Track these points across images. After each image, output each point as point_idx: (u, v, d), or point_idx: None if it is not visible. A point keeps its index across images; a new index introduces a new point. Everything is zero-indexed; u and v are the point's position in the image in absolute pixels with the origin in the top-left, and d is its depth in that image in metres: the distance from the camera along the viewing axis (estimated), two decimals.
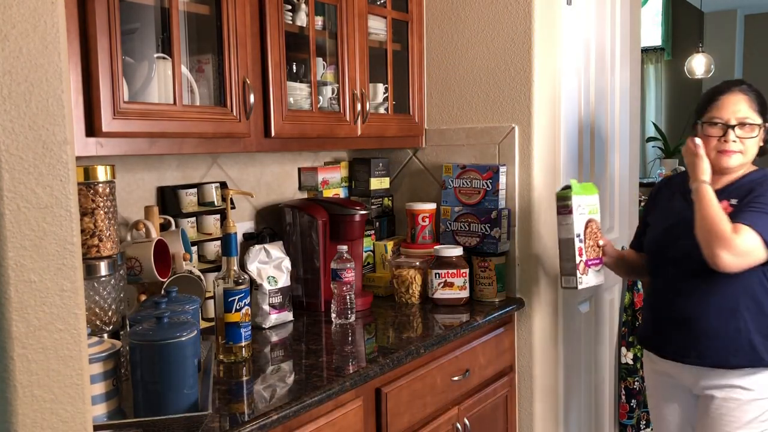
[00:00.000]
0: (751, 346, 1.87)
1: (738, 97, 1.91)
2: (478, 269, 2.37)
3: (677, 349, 1.98)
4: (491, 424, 2.27)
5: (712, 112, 1.93)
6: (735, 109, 1.90)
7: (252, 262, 2.09)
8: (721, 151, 1.90)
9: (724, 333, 1.88)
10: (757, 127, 1.90)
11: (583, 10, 2.62)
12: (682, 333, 1.96)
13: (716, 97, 1.94)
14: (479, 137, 2.49)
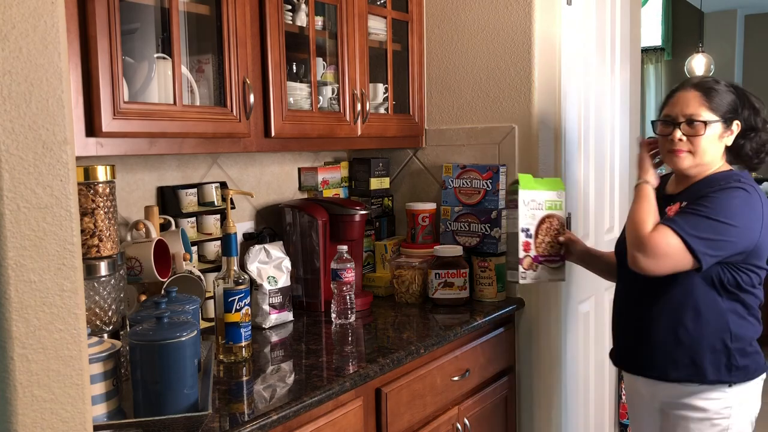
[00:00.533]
0: (692, 361, 1.75)
1: (690, 94, 1.77)
2: (478, 269, 2.37)
3: (628, 358, 1.91)
4: (491, 424, 2.27)
5: (665, 110, 1.84)
6: (684, 105, 1.77)
7: (252, 262, 2.09)
8: (671, 150, 1.79)
9: (665, 344, 1.78)
10: (703, 125, 1.73)
11: (583, 10, 2.62)
12: (632, 341, 1.88)
13: (672, 94, 1.85)
14: (479, 137, 2.49)
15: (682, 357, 1.76)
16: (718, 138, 1.77)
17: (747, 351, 1.75)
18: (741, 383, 1.75)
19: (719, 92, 1.77)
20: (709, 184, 1.77)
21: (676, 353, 1.77)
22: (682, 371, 1.76)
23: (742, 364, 1.74)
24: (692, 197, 1.76)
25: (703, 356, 1.74)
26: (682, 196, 1.81)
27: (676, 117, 1.77)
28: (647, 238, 1.69)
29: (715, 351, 1.74)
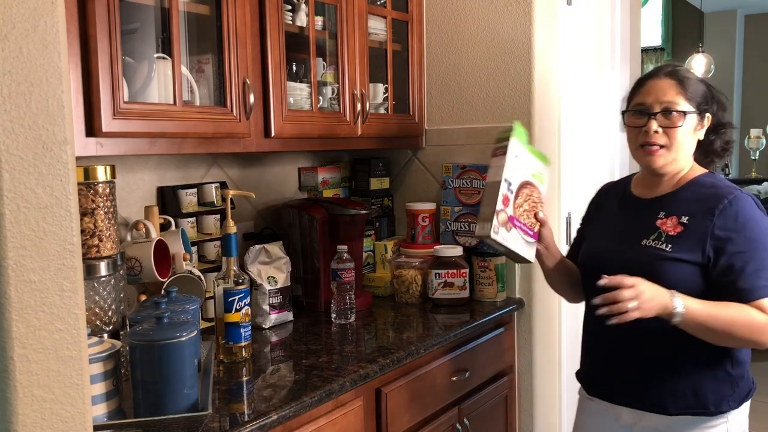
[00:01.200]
0: (693, 392, 1.56)
1: (665, 81, 1.60)
2: (478, 269, 2.37)
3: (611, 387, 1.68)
4: (491, 424, 2.27)
5: (636, 99, 1.64)
6: (660, 94, 1.58)
7: (252, 262, 2.09)
8: (644, 145, 1.59)
9: (662, 373, 1.58)
10: (683, 116, 1.56)
11: (583, 10, 2.62)
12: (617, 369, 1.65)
13: (643, 82, 1.65)
14: (479, 137, 2.49)
15: (682, 388, 1.57)
16: (693, 131, 1.60)
17: (744, 375, 1.62)
18: (738, 407, 1.61)
19: (693, 82, 1.61)
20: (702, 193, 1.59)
21: (675, 384, 1.57)
22: (682, 403, 1.57)
23: (740, 389, 1.60)
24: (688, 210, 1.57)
25: (705, 386, 1.56)
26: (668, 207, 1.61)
27: (651, 106, 1.58)
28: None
29: (717, 379, 1.56)
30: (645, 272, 1.52)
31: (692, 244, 1.54)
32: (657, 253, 1.56)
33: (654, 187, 1.67)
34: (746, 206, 1.54)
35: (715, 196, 1.56)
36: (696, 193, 1.60)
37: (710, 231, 1.52)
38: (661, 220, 1.60)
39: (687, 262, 1.53)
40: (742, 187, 1.65)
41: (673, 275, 1.53)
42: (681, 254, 1.54)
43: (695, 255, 1.53)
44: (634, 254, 1.59)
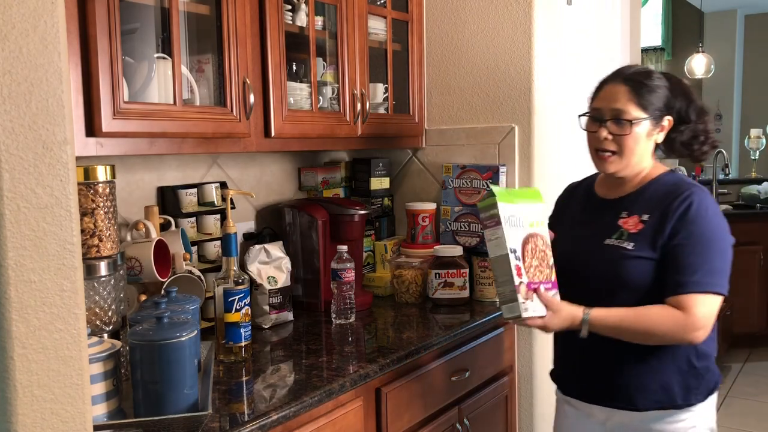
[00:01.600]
0: (661, 386, 1.60)
1: (618, 87, 1.60)
2: (478, 269, 2.37)
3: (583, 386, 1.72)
4: (491, 424, 2.27)
5: (593, 104, 1.66)
6: (611, 100, 1.60)
7: (252, 262, 2.09)
8: (597, 151, 1.64)
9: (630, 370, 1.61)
10: (629, 125, 1.58)
11: (583, 10, 2.62)
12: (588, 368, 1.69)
13: (601, 86, 1.67)
14: (479, 137, 2.49)
15: (650, 383, 1.60)
16: (645, 136, 1.62)
17: (710, 368, 1.64)
18: (704, 400, 1.63)
19: (650, 87, 1.61)
20: (663, 191, 1.62)
21: (643, 380, 1.60)
22: (650, 398, 1.61)
23: (706, 381, 1.63)
24: (649, 208, 1.61)
25: (671, 380, 1.60)
26: (630, 206, 1.64)
27: (603, 113, 1.61)
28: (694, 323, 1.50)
29: (683, 372, 1.60)
30: (610, 271, 1.59)
31: (650, 241, 1.58)
32: (620, 252, 1.59)
33: (617, 187, 1.70)
34: (701, 204, 1.57)
35: (673, 194, 1.59)
36: (657, 191, 1.63)
37: (665, 227, 1.57)
38: (623, 219, 1.64)
39: (646, 258, 1.58)
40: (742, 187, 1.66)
41: (636, 273, 1.58)
42: (641, 252, 1.58)
43: (652, 252, 1.57)
44: (599, 254, 1.63)
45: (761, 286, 4.81)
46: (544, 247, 1.63)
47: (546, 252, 1.63)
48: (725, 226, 1.59)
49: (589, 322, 1.56)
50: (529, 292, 1.57)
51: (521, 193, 1.66)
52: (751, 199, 5.09)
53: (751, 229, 4.80)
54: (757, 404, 3.98)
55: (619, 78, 1.63)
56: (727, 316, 4.51)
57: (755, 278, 4.80)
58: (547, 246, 1.63)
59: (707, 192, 1.62)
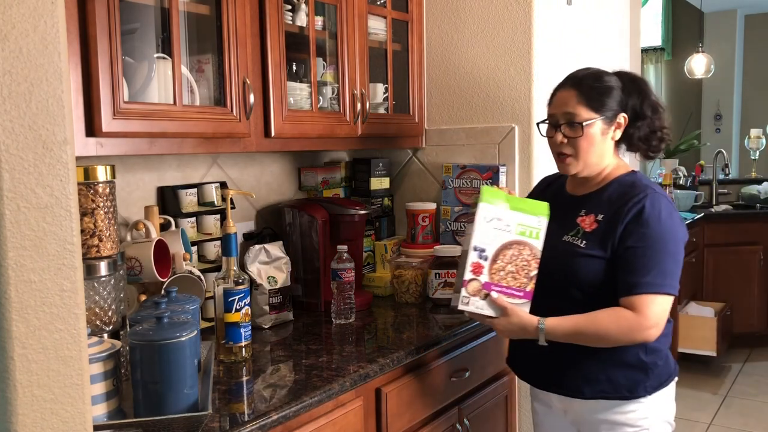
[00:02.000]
0: (607, 377, 1.65)
1: (568, 92, 1.66)
2: None
3: (537, 373, 1.79)
4: (491, 424, 2.27)
5: (548, 110, 1.73)
6: (562, 105, 1.66)
7: (252, 262, 2.09)
8: (556, 155, 1.71)
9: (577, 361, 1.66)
10: (581, 127, 1.63)
11: (583, 10, 2.62)
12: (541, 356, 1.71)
13: (554, 93, 1.73)
14: (479, 137, 2.49)
15: (596, 373, 1.65)
16: (600, 135, 1.66)
17: (659, 363, 1.68)
18: (656, 392, 1.67)
19: (600, 88, 1.66)
20: (619, 192, 1.66)
21: (589, 370, 1.66)
22: (597, 388, 1.66)
23: (656, 375, 1.67)
24: (605, 208, 1.65)
25: (617, 372, 1.64)
26: (589, 204, 1.69)
27: (557, 118, 1.68)
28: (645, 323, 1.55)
29: (630, 366, 1.64)
30: (563, 267, 1.65)
31: (602, 240, 1.63)
32: (573, 249, 1.65)
33: (582, 185, 1.75)
34: (656, 206, 1.61)
35: (629, 195, 1.64)
36: (615, 192, 1.68)
37: (618, 227, 1.61)
38: (581, 217, 1.69)
39: (596, 257, 1.62)
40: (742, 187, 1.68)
41: (585, 271, 1.63)
42: (592, 250, 1.63)
43: (603, 251, 1.62)
44: (557, 249, 1.68)
45: (761, 286, 4.81)
46: (530, 258, 1.65)
47: (530, 263, 1.65)
48: (678, 228, 1.63)
49: (545, 331, 1.61)
50: (482, 290, 1.64)
51: (525, 204, 1.67)
52: (751, 199, 5.09)
53: (751, 229, 4.80)
54: (757, 404, 3.98)
55: (569, 83, 1.69)
56: (727, 316, 4.51)
57: (755, 278, 4.80)
58: (533, 258, 1.65)
59: (663, 194, 1.66)
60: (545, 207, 1.67)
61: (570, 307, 1.62)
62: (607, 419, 1.68)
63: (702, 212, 4.86)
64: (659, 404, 1.70)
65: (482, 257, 1.64)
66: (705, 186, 5.53)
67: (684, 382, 4.34)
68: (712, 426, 3.70)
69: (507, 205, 1.65)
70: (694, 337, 4.32)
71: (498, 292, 1.64)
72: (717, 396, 4.12)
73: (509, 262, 1.64)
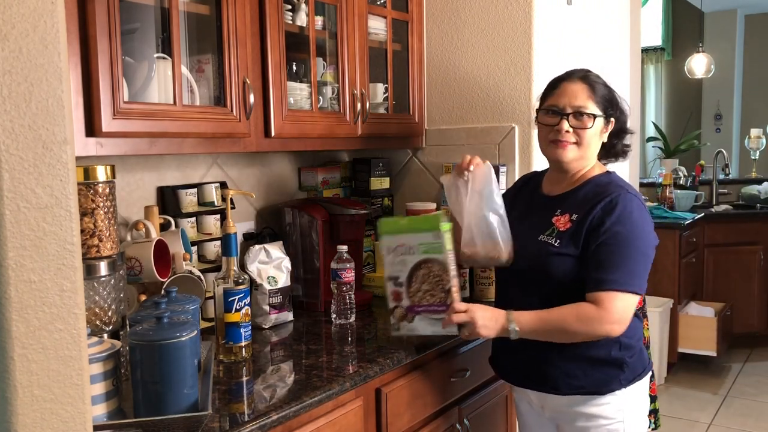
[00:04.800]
0: (584, 373, 1.69)
1: (578, 85, 1.71)
2: (478, 269, 2.36)
3: (515, 371, 1.83)
4: (491, 424, 2.27)
5: (550, 100, 1.75)
6: (572, 97, 1.70)
7: (252, 262, 2.09)
8: (554, 141, 1.71)
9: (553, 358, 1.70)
10: (593, 119, 1.69)
11: (583, 10, 2.62)
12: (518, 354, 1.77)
13: (557, 84, 1.75)
14: (479, 137, 2.49)
15: (572, 370, 1.70)
16: (599, 133, 1.73)
17: (632, 358, 1.71)
18: (630, 385, 1.71)
19: (601, 87, 1.73)
20: (593, 191, 1.70)
21: (566, 367, 1.70)
22: (574, 383, 1.70)
23: (630, 369, 1.71)
24: (579, 208, 1.69)
25: (592, 368, 1.69)
26: (565, 204, 1.73)
27: (564, 108, 1.70)
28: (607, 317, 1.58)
29: (604, 362, 1.68)
30: (538, 266, 1.69)
31: (574, 239, 1.66)
32: (547, 249, 1.69)
33: (558, 184, 1.79)
34: (627, 205, 1.65)
35: (602, 194, 1.68)
36: (590, 191, 1.71)
37: (588, 225, 1.65)
38: (556, 217, 1.72)
39: (569, 255, 1.66)
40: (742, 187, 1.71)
41: (559, 269, 1.67)
42: (565, 249, 1.67)
43: (576, 249, 1.66)
44: (532, 249, 1.71)
45: (761, 286, 4.81)
46: (441, 273, 1.69)
47: (442, 277, 1.69)
48: (649, 229, 1.67)
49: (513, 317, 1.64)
50: (407, 315, 1.75)
51: (421, 223, 1.72)
52: (751, 199, 5.09)
53: (751, 229, 4.80)
54: (757, 404, 3.98)
55: (577, 77, 1.73)
56: (727, 316, 4.51)
57: (755, 278, 4.80)
58: (443, 271, 1.69)
59: (636, 195, 1.70)
60: (437, 218, 1.69)
61: (546, 306, 1.65)
62: (584, 412, 1.72)
63: (702, 212, 4.86)
64: (633, 397, 1.74)
65: (398, 284, 1.74)
66: (705, 186, 5.53)
67: (684, 382, 4.35)
68: (712, 426, 3.70)
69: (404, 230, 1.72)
70: (694, 337, 4.31)
71: (423, 312, 1.72)
72: (717, 396, 4.12)
73: (423, 282, 1.71)
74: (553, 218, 1.72)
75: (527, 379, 1.80)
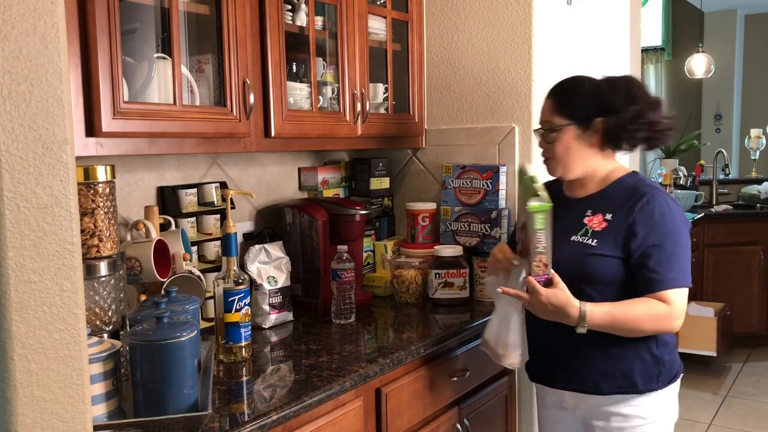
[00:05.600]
0: (623, 373, 1.71)
1: (545, 102, 1.79)
2: (478, 269, 2.37)
3: (552, 373, 1.82)
4: (491, 424, 2.27)
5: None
6: (542, 115, 1.80)
7: (252, 262, 2.09)
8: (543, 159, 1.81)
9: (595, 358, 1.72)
10: (556, 132, 1.73)
11: (583, 10, 2.62)
12: (557, 356, 1.79)
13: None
14: (479, 137, 2.49)
15: (613, 369, 1.72)
16: (576, 140, 1.73)
17: (670, 355, 1.75)
18: (665, 388, 1.74)
19: (574, 94, 1.74)
20: (624, 192, 1.73)
21: (607, 366, 1.72)
22: (614, 383, 1.72)
23: (667, 369, 1.74)
24: (612, 208, 1.71)
25: (633, 367, 1.71)
26: (595, 205, 1.75)
27: (541, 126, 1.81)
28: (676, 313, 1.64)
29: (644, 360, 1.71)
30: (575, 267, 1.70)
31: (614, 239, 1.69)
32: (583, 249, 1.71)
33: (581, 187, 1.81)
34: (663, 203, 1.70)
35: (635, 195, 1.71)
36: (620, 192, 1.74)
37: (630, 226, 1.68)
38: (588, 217, 1.75)
39: (610, 256, 1.68)
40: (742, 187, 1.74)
41: (599, 269, 1.69)
42: (604, 250, 1.69)
43: (616, 250, 1.68)
44: (565, 250, 1.72)
45: (761, 286, 4.81)
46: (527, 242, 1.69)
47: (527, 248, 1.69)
48: (686, 221, 1.73)
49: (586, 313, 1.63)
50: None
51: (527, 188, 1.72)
52: (751, 199, 5.09)
53: (751, 229, 4.80)
54: (757, 404, 3.98)
55: (549, 92, 1.80)
56: (727, 316, 4.51)
57: (755, 278, 4.80)
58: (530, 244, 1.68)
59: (666, 192, 1.75)
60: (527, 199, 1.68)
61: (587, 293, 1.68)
62: (620, 412, 1.74)
63: (702, 212, 4.86)
64: (668, 398, 1.77)
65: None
66: (705, 186, 5.53)
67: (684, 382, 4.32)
68: (712, 426, 3.70)
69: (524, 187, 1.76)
70: (694, 337, 4.31)
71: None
72: (717, 396, 4.12)
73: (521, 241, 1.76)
74: (584, 219, 1.75)
75: (566, 380, 1.80)
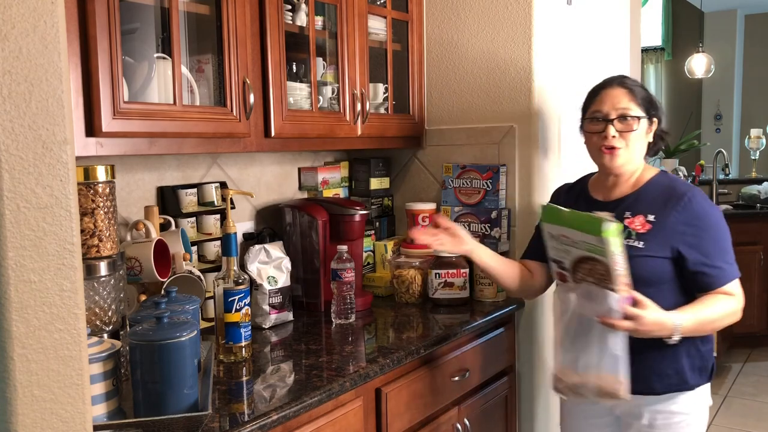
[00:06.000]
0: (676, 371, 1.73)
1: (617, 90, 1.76)
2: (478, 269, 2.37)
3: None
4: (491, 424, 2.27)
5: (592, 108, 1.80)
6: (615, 102, 1.75)
7: (252, 262, 2.09)
8: (603, 148, 1.76)
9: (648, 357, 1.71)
10: (637, 120, 1.74)
11: (583, 10, 2.62)
12: None
13: (597, 92, 1.81)
14: (479, 137, 2.49)
15: (666, 368, 1.73)
16: (644, 134, 1.78)
17: (709, 350, 1.79)
18: (708, 381, 1.80)
19: (640, 90, 1.79)
20: (661, 192, 1.74)
21: (660, 366, 1.73)
22: (666, 382, 1.74)
23: (708, 363, 1.78)
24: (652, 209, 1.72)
25: (683, 364, 1.73)
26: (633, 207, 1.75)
27: (608, 113, 1.75)
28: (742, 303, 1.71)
29: (692, 356, 1.74)
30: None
31: (662, 240, 1.70)
32: (631, 252, 1.67)
33: (613, 189, 1.82)
34: (702, 200, 1.73)
35: (674, 195, 1.73)
36: (656, 192, 1.76)
37: (675, 227, 1.69)
38: (628, 219, 1.75)
39: (659, 257, 1.69)
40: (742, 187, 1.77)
41: (650, 270, 1.69)
42: (653, 251, 1.69)
43: (665, 250, 1.69)
44: None
45: (761, 286, 4.81)
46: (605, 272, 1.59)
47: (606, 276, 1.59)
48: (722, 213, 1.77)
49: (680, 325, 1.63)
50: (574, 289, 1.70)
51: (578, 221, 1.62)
52: (751, 199, 5.09)
53: (751, 229, 4.80)
54: (757, 404, 3.98)
55: (615, 83, 1.79)
56: None
57: (755, 278, 4.80)
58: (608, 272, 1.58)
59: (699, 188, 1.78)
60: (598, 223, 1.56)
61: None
62: (665, 409, 1.76)
63: None
64: (707, 391, 1.82)
65: (562, 268, 1.72)
66: (705, 186, 5.53)
67: None
68: (712, 426, 3.70)
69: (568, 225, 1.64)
70: None
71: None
72: (717, 396, 4.12)
73: (588, 275, 1.64)
74: (624, 221, 1.73)
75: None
